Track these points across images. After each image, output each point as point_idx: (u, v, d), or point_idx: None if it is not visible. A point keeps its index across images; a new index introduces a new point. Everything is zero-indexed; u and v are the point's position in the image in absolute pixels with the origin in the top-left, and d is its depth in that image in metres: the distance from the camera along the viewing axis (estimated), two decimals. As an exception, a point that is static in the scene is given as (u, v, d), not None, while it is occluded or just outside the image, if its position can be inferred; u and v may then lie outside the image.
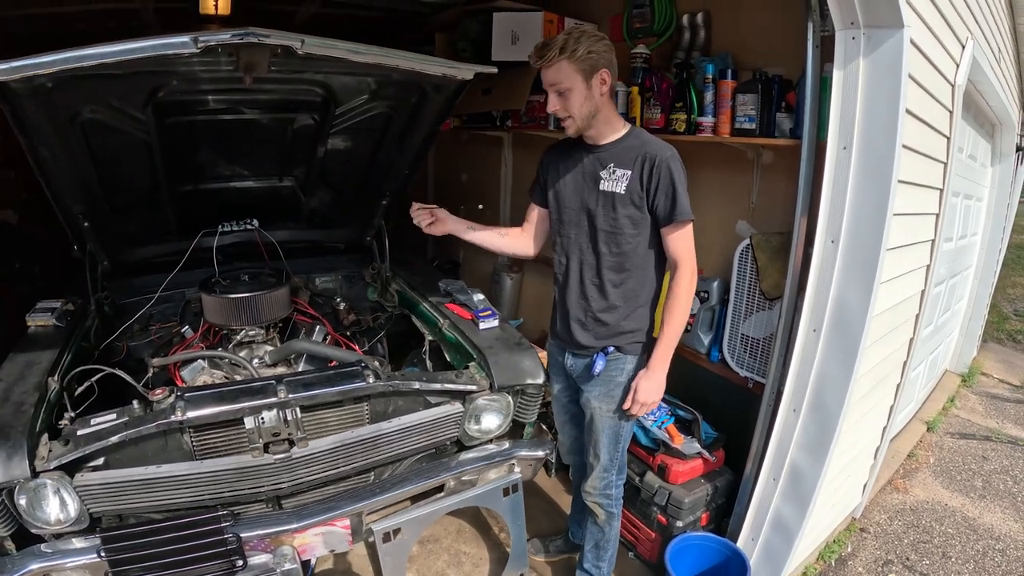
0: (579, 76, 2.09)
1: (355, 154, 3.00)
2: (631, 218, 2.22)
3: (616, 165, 2.22)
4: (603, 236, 2.27)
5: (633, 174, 2.19)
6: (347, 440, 2.26)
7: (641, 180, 2.17)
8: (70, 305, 2.72)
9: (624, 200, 2.21)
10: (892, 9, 2.13)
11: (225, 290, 2.76)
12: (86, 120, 2.31)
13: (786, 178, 2.81)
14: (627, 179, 2.19)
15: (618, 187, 2.21)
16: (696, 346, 3.23)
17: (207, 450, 2.12)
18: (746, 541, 2.86)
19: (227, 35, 1.88)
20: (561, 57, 2.07)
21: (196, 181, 2.94)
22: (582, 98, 2.13)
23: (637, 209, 2.21)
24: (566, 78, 2.10)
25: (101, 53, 1.85)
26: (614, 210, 2.23)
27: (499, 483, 2.52)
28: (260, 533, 2.13)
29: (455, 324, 2.73)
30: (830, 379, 2.51)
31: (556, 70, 2.10)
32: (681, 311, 2.23)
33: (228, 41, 1.89)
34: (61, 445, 1.95)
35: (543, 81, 2.17)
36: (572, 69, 2.08)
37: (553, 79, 2.12)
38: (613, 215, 2.23)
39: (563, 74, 2.10)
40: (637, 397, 2.27)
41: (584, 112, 2.15)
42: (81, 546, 1.98)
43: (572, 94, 2.12)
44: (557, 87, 2.13)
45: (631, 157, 2.20)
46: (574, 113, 2.15)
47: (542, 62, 2.11)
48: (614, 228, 2.24)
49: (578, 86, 2.11)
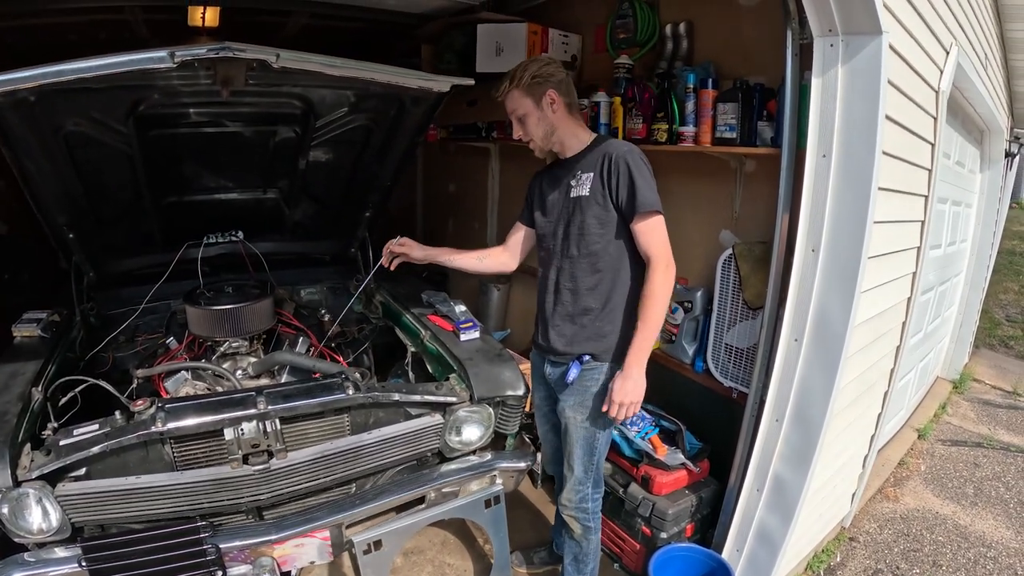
0: (529, 100, 2.27)
1: (337, 166, 3.02)
2: (597, 218, 2.28)
3: (582, 171, 2.31)
4: (573, 239, 2.33)
5: (595, 175, 2.26)
6: (327, 451, 2.26)
7: (602, 179, 2.24)
8: (56, 316, 2.73)
9: (589, 201, 2.28)
10: (870, 16, 2.14)
11: (209, 302, 2.77)
12: (69, 133, 2.33)
13: (769, 187, 2.80)
14: (590, 181, 2.27)
15: (583, 190, 2.29)
16: (680, 356, 3.22)
17: (188, 461, 2.12)
18: (731, 552, 2.85)
19: (203, 50, 1.91)
20: (512, 87, 2.27)
21: (180, 193, 2.95)
22: (536, 120, 2.30)
23: (602, 208, 2.26)
24: (519, 105, 2.29)
25: (80, 68, 1.87)
26: (582, 212, 2.30)
27: (481, 495, 2.51)
28: (240, 544, 2.13)
29: (436, 335, 2.74)
30: (813, 389, 2.49)
31: (510, 99, 2.30)
32: (656, 308, 2.21)
33: (204, 56, 1.92)
34: (43, 455, 1.95)
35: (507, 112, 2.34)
36: (521, 95, 2.27)
37: (510, 108, 2.31)
38: (581, 217, 2.30)
39: (516, 102, 2.30)
40: (614, 398, 2.24)
41: (540, 132, 2.32)
42: (63, 555, 1.98)
43: (528, 119, 2.30)
44: (515, 114, 2.31)
45: (593, 160, 2.29)
46: (533, 135, 2.33)
47: (499, 95, 2.30)
48: (582, 230, 2.30)
49: (531, 110, 2.28)
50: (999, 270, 7.91)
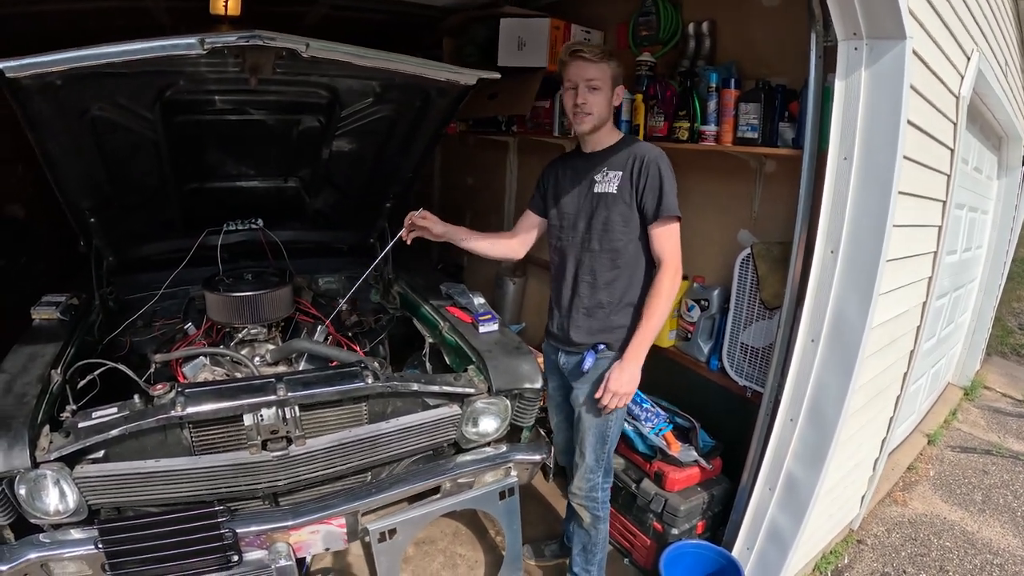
0: (610, 82, 2.31)
1: (359, 156, 3.02)
2: (622, 216, 2.33)
3: (609, 168, 2.35)
4: (596, 234, 2.38)
5: (624, 174, 2.31)
6: (345, 439, 2.27)
7: (631, 179, 2.30)
8: (75, 299, 2.75)
9: (616, 199, 2.32)
10: (895, 20, 2.14)
11: (228, 288, 2.78)
12: (95, 117, 2.33)
13: (788, 187, 2.80)
14: (618, 179, 2.32)
15: (610, 187, 2.33)
16: (695, 354, 3.23)
17: (206, 446, 2.13)
18: (741, 550, 2.86)
19: (233, 37, 1.90)
20: (604, 59, 2.28)
21: (202, 180, 2.96)
22: (606, 101, 2.32)
23: (627, 207, 2.32)
24: (602, 77, 2.29)
25: (109, 52, 1.87)
26: (607, 209, 2.34)
27: (495, 486, 2.53)
28: (256, 529, 2.14)
29: (455, 327, 2.75)
30: (828, 389, 2.51)
31: (599, 68, 2.29)
32: (662, 307, 2.31)
33: (234, 43, 1.91)
34: (62, 437, 1.97)
35: (576, 74, 2.32)
36: (609, 74, 2.29)
37: (592, 75, 2.29)
38: (606, 214, 2.34)
39: (601, 73, 2.29)
40: (609, 386, 2.32)
41: (602, 114, 2.34)
42: (79, 537, 2.00)
43: (600, 94, 2.30)
44: (592, 83, 2.29)
45: (622, 159, 2.34)
46: (595, 111, 2.31)
47: (590, 56, 2.27)
48: (606, 226, 2.35)
49: (606, 90, 2.31)
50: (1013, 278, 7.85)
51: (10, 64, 1.79)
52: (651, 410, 3.05)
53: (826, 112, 2.42)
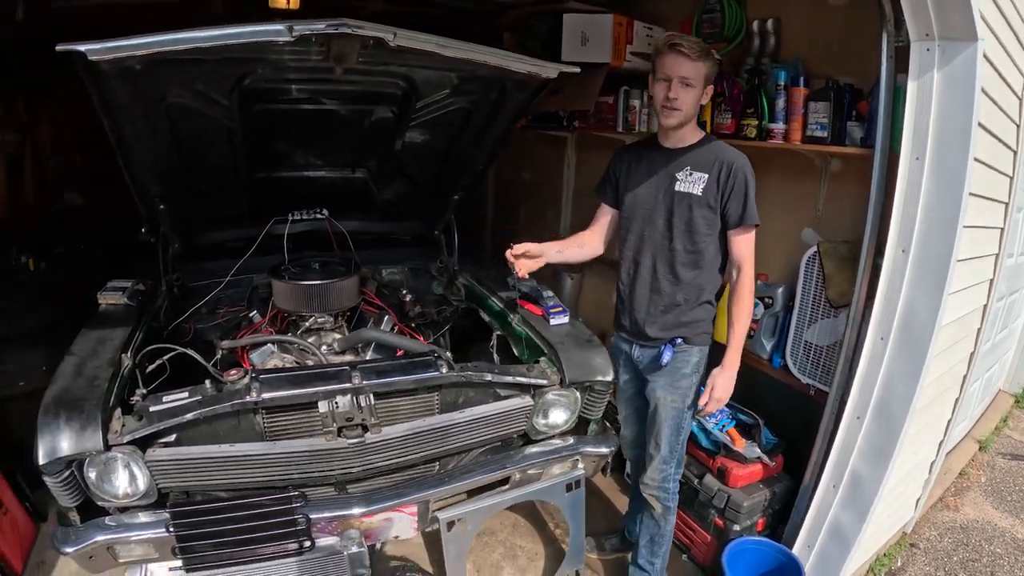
0: (703, 81, 2.29)
1: (431, 148, 3.01)
2: (706, 219, 2.35)
3: (693, 168, 2.35)
4: (679, 234, 2.39)
5: (710, 178, 2.31)
6: (419, 428, 2.28)
7: (717, 184, 2.31)
8: (141, 285, 2.77)
9: (700, 201, 2.33)
10: (967, 22, 2.15)
11: (296, 276, 2.79)
12: (171, 104, 2.32)
13: (854, 186, 2.81)
14: (704, 182, 2.32)
15: (695, 188, 2.33)
16: (758, 351, 3.22)
17: (277, 432, 2.15)
18: (802, 548, 2.86)
19: (321, 25, 1.90)
20: (702, 58, 2.26)
21: (271, 169, 2.97)
22: (696, 99, 2.32)
23: (711, 211, 2.33)
24: (696, 76, 2.28)
25: (196, 37, 1.86)
26: (690, 210, 2.35)
27: (562, 478, 2.53)
28: (330, 515, 2.15)
29: (525, 319, 2.74)
30: (896, 387, 2.51)
31: (695, 66, 2.27)
32: (747, 312, 2.40)
33: (322, 31, 1.91)
34: (135, 420, 1.98)
35: (670, 68, 2.29)
36: (703, 73, 2.28)
37: (687, 72, 2.27)
38: (689, 214, 2.35)
39: (697, 72, 2.29)
40: (715, 394, 2.38)
41: (690, 112, 2.33)
42: (146, 520, 2.02)
43: (692, 92, 2.29)
44: (687, 80, 2.27)
45: (708, 161, 2.33)
46: (684, 108, 2.30)
47: (689, 52, 2.25)
48: (690, 227, 2.36)
49: (698, 87, 2.30)
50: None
51: (93, 47, 1.75)
52: (715, 406, 3.02)
53: (897, 112, 2.43)
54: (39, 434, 1.87)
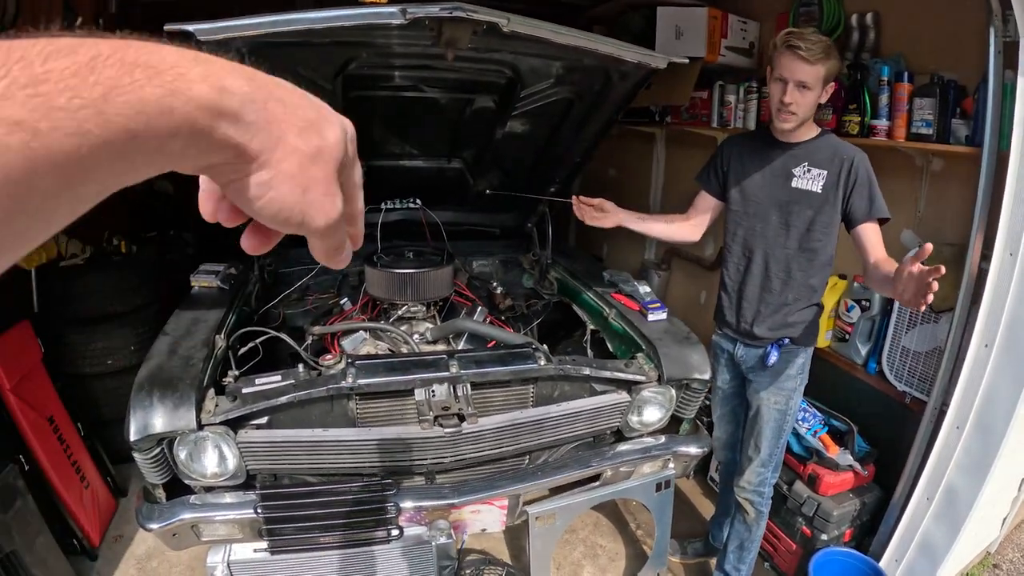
0: (821, 83, 2.18)
1: (530, 139, 2.99)
2: (827, 217, 2.26)
3: (811, 164, 2.27)
4: (795, 232, 2.31)
5: (830, 175, 2.23)
6: (516, 420, 2.26)
7: (838, 181, 2.22)
8: (233, 269, 2.81)
9: (820, 200, 2.25)
10: None
11: (390, 265, 2.79)
12: (272, 90, 2.35)
13: (957, 187, 2.72)
14: (823, 179, 2.24)
15: (814, 186, 2.25)
16: (852, 356, 3.13)
17: (370, 418, 2.14)
18: (889, 562, 2.78)
19: (436, 8, 1.89)
20: (823, 61, 2.14)
21: (367, 157, 2.95)
22: (815, 100, 2.21)
23: (832, 209, 2.25)
24: (814, 79, 2.16)
25: (308, 19, 1.87)
26: (810, 208, 2.27)
27: (653, 478, 2.50)
28: (420, 505, 2.15)
29: (622, 314, 2.70)
30: (999, 396, 2.42)
31: (813, 69, 2.15)
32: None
33: (437, 15, 1.90)
34: (228, 401, 1.99)
35: (788, 70, 2.19)
36: (822, 74, 2.16)
37: (804, 76, 2.16)
38: (809, 213, 2.27)
39: (815, 75, 2.16)
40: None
41: (808, 113, 2.24)
42: (232, 501, 2.04)
43: (810, 95, 2.19)
44: (804, 83, 2.16)
45: (826, 157, 2.25)
46: (801, 111, 2.21)
47: (807, 55, 2.13)
48: (809, 226, 2.28)
49: (817, 89, 2.18)
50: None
51: (202, 27, 1.76)
52: (808, 410, 2.97)
53: (1006, 110, 2.34)
54: (131, 411, 1.89)
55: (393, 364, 2.19)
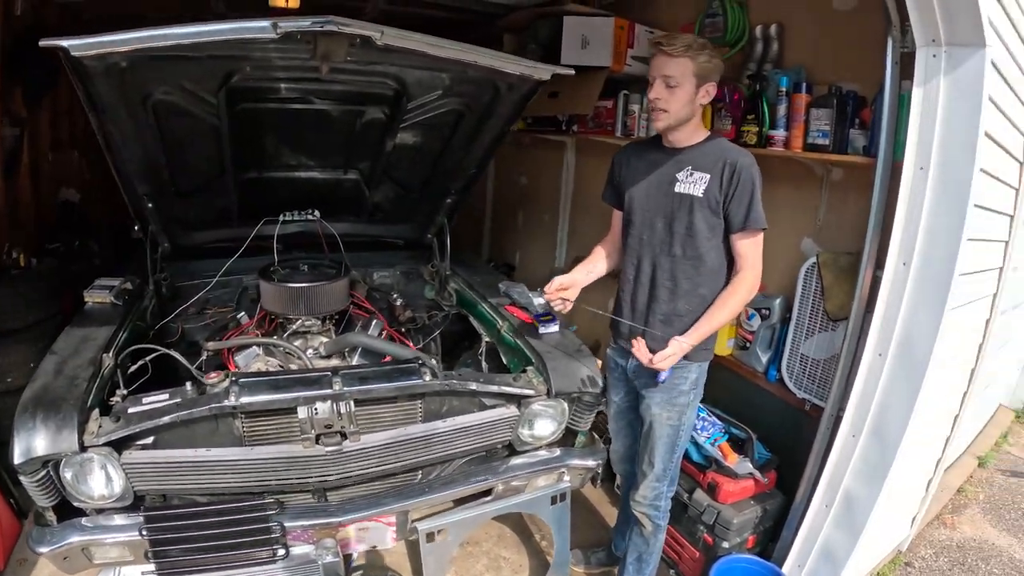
0: (693, 79, 2.16)
1: (423, 150, 2.98)
2: (707, 221, 2.23)
3: (694, 168, 2.24)
4: (679, 239, 2.28)
5: (712, 178, 2.20)
6: (400, 437, 2.24)
7: (720, 185, 2.19)
8: (128, 284, 2.75)
9: (701, 203, 2.22)
10: (975, 28, 2.09)
11: (284, 279, 2.76)
12: (158, 102, 2.32)
13: (855, 196, 2.77)
14: (706, 183, 2.21)
15: (695, 190, 2.22)
16: (753, 364, 3.16)
17: (257, 437, 2.12)
18: (792, 567, 2.81)
19: (307, 22, 1.87)
20: (684, 54, 2.14)
21: (261, 169, 2.95)
22: (686, 99, 2.18)
23: (713, 214, 2.22)
24: (680, 74, 2.15)
25: (179, 34, 1.85)
26: (691, 213, 2.24)
27: (548, 491, 2.49)
28: (305, 524, 2.13)
29: (514, 327, 2.70)
30: (893, 404, 2.45)
31: (677, 63, 2.15)
32: (735, 304, 2.28)
33: (308, 28, 1.88)
34: (112, 421, 1.96)
35: (655, 68, 2.21)
36: (690, 70, 2.15)
37: (670, 71, 2.16)
38: (690, 218, 2.24)
39: (679, 70, 2.16)
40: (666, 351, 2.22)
41: (682, 113, 2.21)
42: (123, 523, 2.01)
43: (679, 92, 2.17)
44: (669, 79, 2.17)
45: (711, 161, 2.22)
46: (671, 109, 2.19)
47: (667, 49, 2.15)
48: (690, 231, 2.25)
49: (687, 87, 2.17)
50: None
51: (76, 43, 1.75)
52: (707, 419, 2.99)
53: (901, 120, 2.37)
54: (15, 433, 1.87)
55: (276, 382, 2.16)
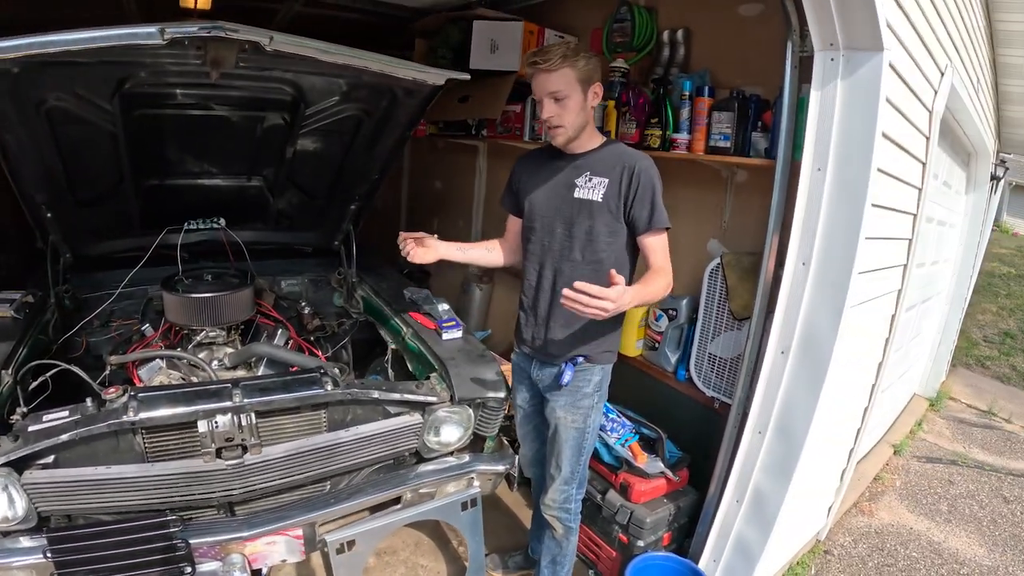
0: (578, 86, 2.14)
1: (325, 156, 2.96)
2: (607, 226, 2.24)
3: (592, 173, 2.24)
4: (578, 243, 2.28)
5: (611, 182, 2.21)
6: (302, 448, 2.21)
7: (619, 189, 2.19)
8: (29, 297, 2.65)
9: (601, 208, 2.22)
10: (872, 32, 2.14)
11: (187, 289, 2.71)
12: (52, 108, 2.27)
13: (759, 198, 2.80)
14: (604, 187, 2.21)
15: (594, 195, 2.22)
16: (663, 364, 3.21)
17: (159, 452, 2.07)
18: (708, 562, 2.85)
19: (194, 28, 1.86)
20: (564, 64, 2.11)
21: (163, 176, 2.90)
22: (578, 108, 2.17)
23: (613, 217, 2.22)
24: (566, 86, 2.13)
25: (67, 40, 1.81)
26: (590, 217, 2.24)
27: (457, 497, 2.48)
28: (210, 540, 2.08)
29: (418, 333, 2.69)
30: (797, 401, 2.50)
31: (558, 76, 2.12)
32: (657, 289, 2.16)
33: (195, 34, 1.87)
34: (10, 441, 1.89)
35: (538, 88, 2.18)
36: (573, 78, 2.13)
37: (554, 86, 2.14)
38: (590, 223, 2.24)
39: (563, 82, 2.13)
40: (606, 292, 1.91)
41: (577, 122, 2.20)
42: (28, 545, 1.94)
43: (569, 102, 2.15)
44: (556, 94, 2.15)
45: (609, 166, 2.22)
46: (567, 122, 2.18)
47: (545, 66, 2.11)
48: (590, 236, 2.25)
49: (576, 95, 2.15)
50: (978, 291, 7.98)
51: None
52: (617, 420, 3.00)
53: (800, 123, 2.42)
54: None
55: (176, 396, 2.11)
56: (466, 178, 5.10)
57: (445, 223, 5.43)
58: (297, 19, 4.18)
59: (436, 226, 2.59)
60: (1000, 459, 5.01)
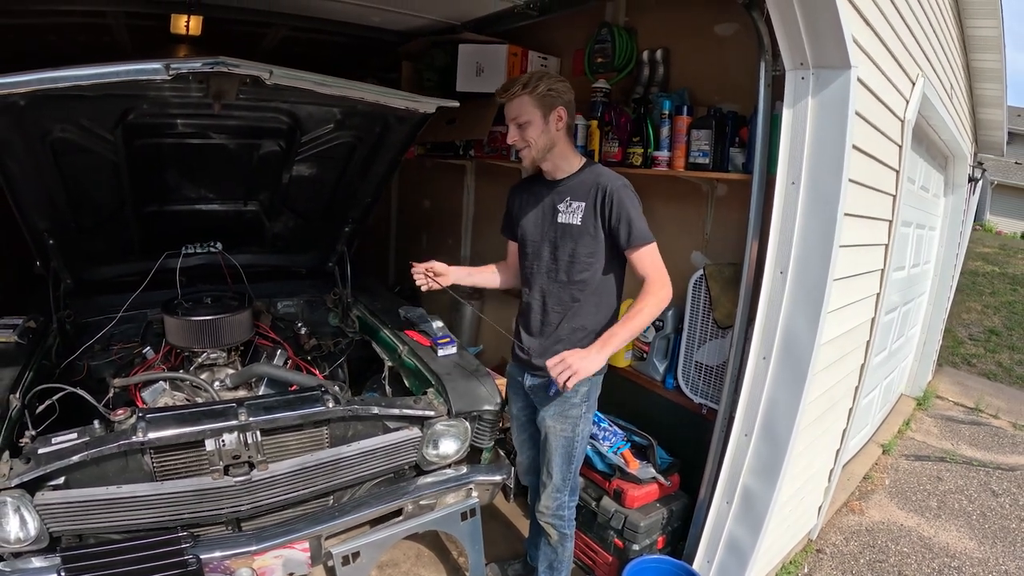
0: (538, 111, 2.26)
1: (319, 181, 3.04)
2: (588, 248, 2.34)
3: (572, 198, 2.35)
4: (563, 265, 2.38)
5: (587, 205, 2.31)
6: (307, 464, 2.28)
7: (595, 211, 2.30)
8: (32, 322, 2.70)
9: (581, 231, 2.33)
10: (840, 51, 2.23)
11: (187, 312, 2.77)
12: (56, 139, 2.33)
13: (739, 211, 2.87)
14: (582, 210, 2.32)
15: (574, 219, 2.33)
16: (651, 373, 3.28)
17: (168, 471, 2.12)
18: (702, 563, 2.90)
19: (198, 63, 1.92)
20: (523, 92, 2.25)
21: (162, 203, 2.96)
22: (539, 131, 2.28)
23: (593, 239, 2.32)
24: (525, 112, 2.27)
25: (76, 76, 1.89)
26: (572, 240, 2.35)
27: (457, 507, 2.54)
28: (219, 555, 2.13)
29: (414, 351, 2.77)
30: (780, 405, 2.58)
31: (517, 104, 2.27)
32: (647, 312, 2.25)
33: (199, 70, 1.94)
34: (22, 463, 1.94)
35: (507, 117, 2.32)
36: (532, 104, 2.26)
37: (514, 112, 2.28)
38: (572, 246, 2.35)
39: (522, 108, 2.27)
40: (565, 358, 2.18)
41: (540, 144, 2.31)
42: (40, 565, 1.96)
43: (530, 127, 2.28)
44: (517, 120, 2.29)
45: (585, 190, 2.33)
46: (531, 143, 2.30)
47: (505, 95, 2.27)
48: (573, 258, 2.36)
49: (536, 120, 2.27)
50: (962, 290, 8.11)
51: None
52: (609, 429, 3.08)
53: (775, 138, 2.50)
54: None
55: (183, 416, 2.17)
56: (455, 197, 5.17)
57: (434, 241, 5.52)
58: (285, 42, 4.24)
59: (425, 244, 2.68)
60: (988, 454, 5.10)
